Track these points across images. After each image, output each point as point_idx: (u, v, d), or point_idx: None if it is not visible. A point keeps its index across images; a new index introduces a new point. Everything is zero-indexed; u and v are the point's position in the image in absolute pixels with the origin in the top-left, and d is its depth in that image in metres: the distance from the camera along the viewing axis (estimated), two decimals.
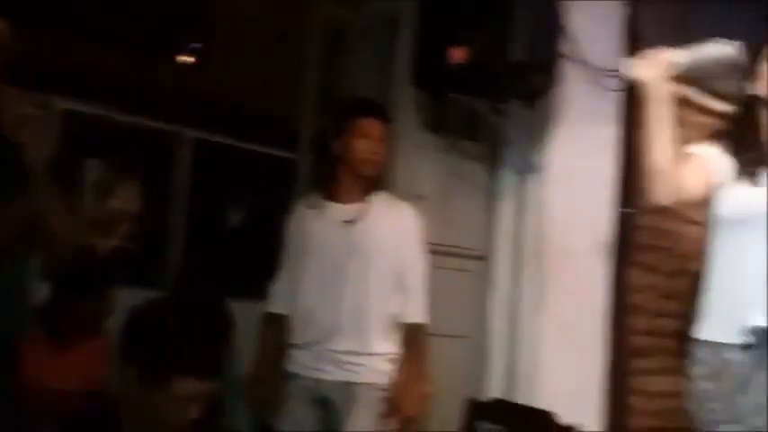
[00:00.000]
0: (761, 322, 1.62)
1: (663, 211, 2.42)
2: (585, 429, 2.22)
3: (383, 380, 2.09)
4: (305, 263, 2.17)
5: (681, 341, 1.89)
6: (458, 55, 2.38)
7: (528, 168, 2.75)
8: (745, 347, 1.66)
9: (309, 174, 2.72)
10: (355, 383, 2.08)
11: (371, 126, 2.17)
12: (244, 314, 2.77)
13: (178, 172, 4.04)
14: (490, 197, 2.83)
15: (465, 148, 2.80)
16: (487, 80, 2.47)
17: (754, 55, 1.79)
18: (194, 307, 1.23)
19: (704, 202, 1.81)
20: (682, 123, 2.92)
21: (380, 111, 2.24)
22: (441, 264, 2.72)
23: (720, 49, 1.73)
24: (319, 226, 2.18)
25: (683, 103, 2.95)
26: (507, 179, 2.81)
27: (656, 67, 1.73)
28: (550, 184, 2.70)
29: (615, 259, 2.77)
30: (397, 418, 2.07)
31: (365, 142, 2.16)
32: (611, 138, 2.81)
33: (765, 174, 1.71)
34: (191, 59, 4.30)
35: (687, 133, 2.89)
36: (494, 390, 2.68)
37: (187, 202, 4.03)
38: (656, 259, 2.89)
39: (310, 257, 2.17)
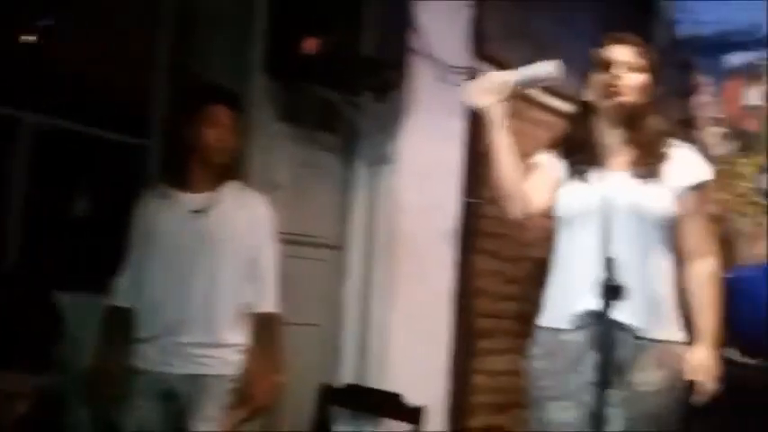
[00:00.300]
0: (590, 306, 1.72)
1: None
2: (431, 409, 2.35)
3: (233, 371, 2.08)
4: (151, 254, 2.11)
5: (521, 322, 2.04)
6: (310, 45, 2.40)
7: (380, 160, 2.83)
8: (578, 329, 1.81)
9: (160, 162, 2.64)
10: (204, 376, 2.05)
11: (221, 114, 2.14)
12: (88, 308, 2.64)
13: (16, 159, 3.74)
14: (344, 187, 2.89)
15: (320, 139, 2.83)
16: (340, 72, 2.51)
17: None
18: (16, 301, 1.17)
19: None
20: (532, 122, 3.16)
21: (231, 98, 2.20)
22: (295, 253, 2.74)
23: (544, 68, 1.83)
24: (167, 216, 2.12)
25: (533, 103, 3.17)
26: (361, 170, 2.88)
27: (487, 92, 1.81)
28: (402, 175, 2.79)
29: (462, 246, 2.92)
30: (248, 408, 2.06)
31: (215, 130, 2.12)
32: (457, 131, 2.95)
33: (595, 173, 1.83)
34: (32, 38, 4.00)
35: (535, 132, 3.13)
36: (346, 376, 2.74)
37: (26, 191, 3.75)
38: (499, 246, 3.07)
39: (157, 248, 2.11)
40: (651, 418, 1.71)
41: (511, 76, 1.85)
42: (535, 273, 2.14)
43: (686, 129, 3.92)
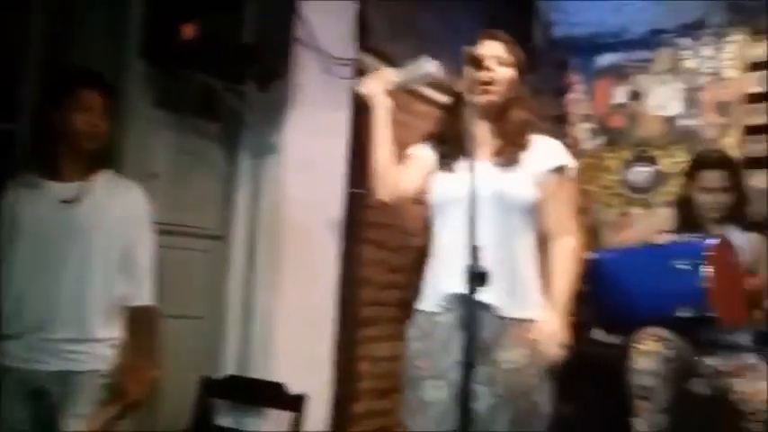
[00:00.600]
0: (458, 289, 1.84)
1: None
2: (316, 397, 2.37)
3: (105, 366, 2.01)
4: (18, 246, 2.01)
5: (403, 309, 2.11)
6: (189, 31, 2.34)
7: (265, 150, 2.81)
8: (448, 311, 1.90)
9: (28, 149, 2.49)
10: (75, 372, 1.97)
11: (91, 98, 2.06)
12: None
13: None
14: (227, 177, 2.85)
15: (201, 127, 2.77)
16: (219, 59, 2.47)
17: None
18: None
19: (423, 193, 2.06)
20: (415, 114, 3.23)
21: (101, 82, 2.12)
22: (176, 244, 2.68)
23: (424, 67, 2.02)
24: (34, 206, 2.02)
25: (417, 96, 3.24)
26: (244, 160, 2.85)
27: (377, 84, 2.01)
28: (286, 166, 2.79)
29: (346, 237, 2.95)
30: (121, 404, 2.01)
31: (85, 115, 2.04)
32: (343, 122, 2.98)
33: (464, 163, 1.95)
34: None
35: (418, 124, 3.20)
36: (229, 367, 2.72)
37: None
38: (383, 236, 3.14)
39: (23, 241, 2.01)
40: (516, 394, 1.82)
41: (394, 74, 2.01)
42: (417, 261, 2.21)
43: (560, 124, 4.15)
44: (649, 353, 2.44)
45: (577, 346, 3.47)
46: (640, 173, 3.86)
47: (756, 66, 3.60)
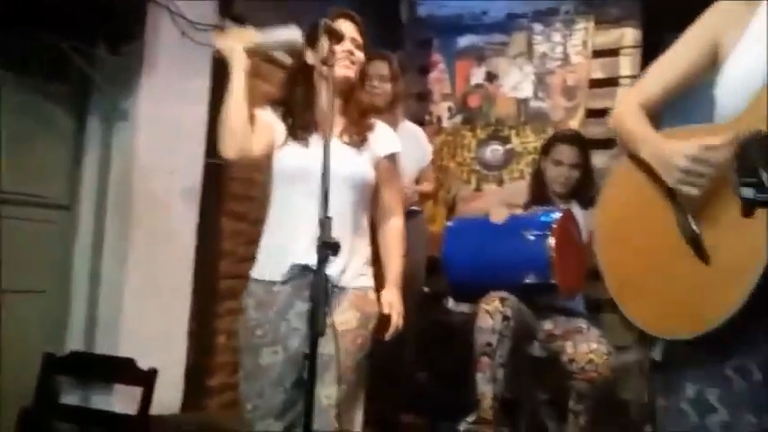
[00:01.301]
0: (300, 260, 1.90)
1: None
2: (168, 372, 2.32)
3: None
4: None
5: None
6: None
7: (116, 115, 2.68)
8: (288, 281, 1.94)
9: None
10: None
11: None
12: None
13: None
14: (75, 143, 2.70)
15: (48, 90, 2.60)
16: (67, 17, 2.32)
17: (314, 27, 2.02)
18: None
19: (266, 159, 2.05)
20: (263, 78, 3.18)
21: None
22: (18, 214, 2.52)
23: (286, 34, 1.96)
24: None
25: (266, 59, 3.18)
26: (93, 125, 2.71)
27: (237, 41, 1.94)
28: (139, 133, 2.68)
29: (205, 208, 2.89)
30: None
31: None
32: (202, 90, 2.90)
33: (315, 135, 1.98)
34: None
35: (264, 87, 3.16)
36: (76, 343, 2.60)
37: None
38: (244, 207, 3.10)
39: None
40: (350, 352, 1.91)
41: (256, 35, 1.96)
42: None
43: (422, 102, 4.28)
44: (491, 312, 2.60)
45: (433, 316, 3.67)
46: (494, 151, 4.07)
47: (600, 53, 3.88)
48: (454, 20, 4.23)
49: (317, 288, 1.61)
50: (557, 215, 2.73)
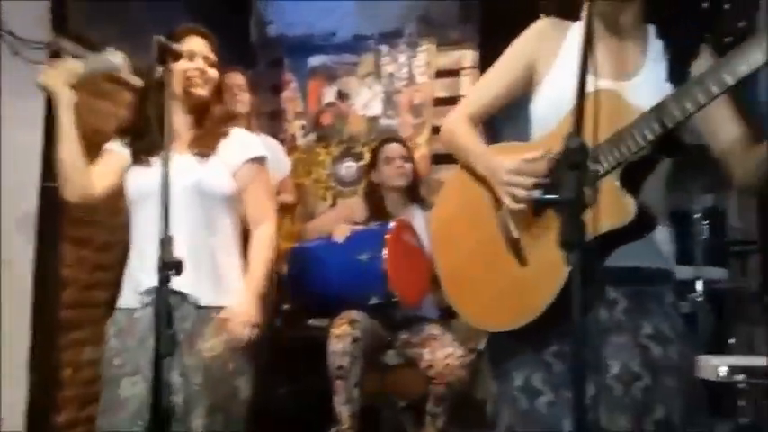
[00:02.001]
0: (154, 284, 1.84)
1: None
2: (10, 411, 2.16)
3: None
4: None
5: (110, 310, 2.03)
6: None
7: None
8: (145, 306, 1.88)
9: None
10: None
11: None
12: None
13: None
14: None
15: None
16: None
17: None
18: None
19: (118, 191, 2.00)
20: (112, 100, 3.08)
21: None
22: None
23: (109, 60, 1.93)
24: None
25: (114, 80, 3.09)
26: None
27: (59, 76, 1.88)
28: None
29: (43, 234, 2.74)
30: None
31: None
32: (36, 111, 2.74)
33: (159, 158, 1.93)
34: None
35: (115, 110, 3.07)
36: None
37: None
38: (87, 233, 2.96)
39: None
40: (216, 381, 1.88)
41: (78, 65, 1.89)
42: (125, 258, 2.15)
43: (275, 120, 4.30)
44: (340, 335, 2.67)
45: (293, 332, 3.67)
46: (348, 167, 4.17)
47: (442, 73, 4.11)
48: (305, 40, 4.30)
49: (158, 309, 1.58)
50: (388, 227, 2.80)
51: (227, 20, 4.36)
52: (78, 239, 2.95)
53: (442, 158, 3.52)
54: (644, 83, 1.47)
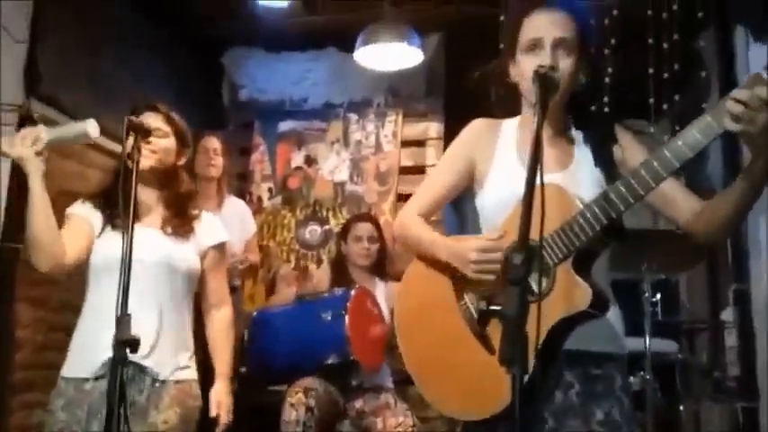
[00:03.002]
0: (108, 354, 1.84)
1: None
2: None
3: None
4: None
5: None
6: None
7: None
8: (100, 378, 1.87)
9: None
10: None
11: None
12: None
13: None
14: None
15: None
16: None
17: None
18: None
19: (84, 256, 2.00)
20: (91, 165, 3.11)
21: None
22: None
23: (79, 128, 1.90)
24: None
25: (93, 146, 3.13)
26: None
27: (27, 144, 1.83)
28: None
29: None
30: None
31: None
32: (1, 174, 2.77)
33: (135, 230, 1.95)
34: None
35: (95, 175, 3.09)
36: None
37: None
38: (44, 293, 2.95)
39: None
40: None
41: (45, 133, 1.87)
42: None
43: (243, 182, 4.36)
44: (295, 404, 2.68)
45: (254, 397, 3.65)
46: (312, 231, 4.22)
47: (408, 143, 4.23)
48: (275, 105, 4.40)
49: (112, 391, 1.57)
50: (351, 293, 2.87)
51: (200, 82, 4.46)
52: (35, 300, 2.94)
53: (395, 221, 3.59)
54: (576, 171, 1.59)
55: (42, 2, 2.99)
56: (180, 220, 2.05)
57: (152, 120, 2.06)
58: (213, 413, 1.99)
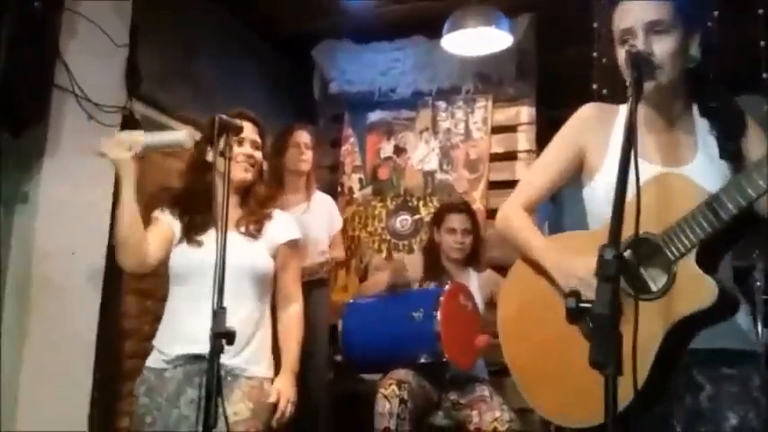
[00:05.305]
0: (192, 350, 1.93)
1: None
2: None
3: None
4: None
5: None
6: None
7: (16, 199, 2.67)
8: (177, 367, 1.95)
9: None
10: None
11: None
12: None
13: None
14: None
15: None
16: None
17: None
18: None
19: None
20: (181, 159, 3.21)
21: None
22: None
23: (175, 136, 1.98)
24: None
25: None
26: None
27: (122, 148, 1.92)
28: (41, 216, 2.67)
29: (108, 288, 2.87)
30: None
31: None
32: (108, 170, 2.90)
33: (211, 230, 2.00)
34: None
35: (166, 163, 3.20)
36: None
37: None
38: (150, 284, 3.09)
39: None
40: None
41: (143, 138, 1.94)
42: None
43: (333, 173, 4.41)
44: (388, 396, 2.68)
45: (346, 385, 3.70)
46: (403, 221, 4.22)
47: (498, 129, 4.13)
48: (364, 96, 4.40)
49: (210, 380, 1.62)
50: (444, 289, 2.83)
51: (292, 77, 4.55)
52: (142, 291, 3.09)
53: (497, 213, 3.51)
54: (699, 167, 1.47)
55: (140, 7, 3.11)
56: (254, 218, 2.10)
57: (248, 130, 2.10)
58: (272, 399, 2.01)
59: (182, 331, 1.97)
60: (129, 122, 3.05)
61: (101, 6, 2.92)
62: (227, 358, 1.91)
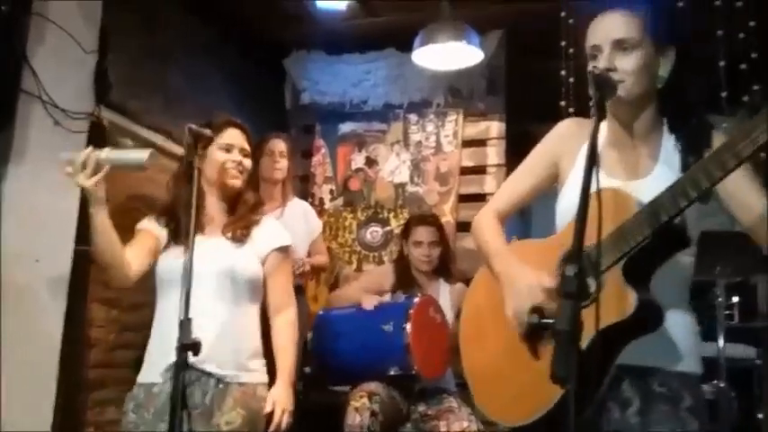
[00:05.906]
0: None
1: None
2: None
3: None
4: None
5: (136, 370, 2.09)
6: None
7: None
8: (165, 382, 1.93)
9: None
10: None
11: None
12: None
13: None
14: None
15: None
16: None
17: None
18: None
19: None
20: (160, 169, 3.19)
21: None
22: None
23: (135, 155, 1.96)
24: None
25: (161, 151, 3.22)
26: None
27: (85, 179, 1.87)
28: (5, 221, 2.62)
29: (73, 295, 2.83)
30: None
31: None
32: None
33: (199, 236, 1.97)
34: None
35: (163, 178, 3.16)
36: None
37: None
38: (116, 294, 3.05)
39: None
40: None
41: (101, 157, 1.89)
42: (152, 319, 2.22)
43: (305, 184, 4.41)
44: (359, 408, 2.68)
45: (317, 397, 3.68)
46: (374, 232, 4.23)
47: (469, 143, 4.18)
48: (336, 108, 4.42)
49: (175, 392, 1.62)
50: (413, 301, 2.85)
51: (263, 86, 4.54)
52: (108, 300, 3.05)
53: (467, 226, 3.54)
54: (654, 181, 1.49)
55: (110, 13, 3.09)
56: (241, 224, 2.09)
57: (237, 138, 2.11)
58: (268, 410, 2.00)
59: (165, 341, 1.94)
60: (97, 129, 3.02)
61: (70, 11, 2.90)
62: (214, 366, 1.91)
